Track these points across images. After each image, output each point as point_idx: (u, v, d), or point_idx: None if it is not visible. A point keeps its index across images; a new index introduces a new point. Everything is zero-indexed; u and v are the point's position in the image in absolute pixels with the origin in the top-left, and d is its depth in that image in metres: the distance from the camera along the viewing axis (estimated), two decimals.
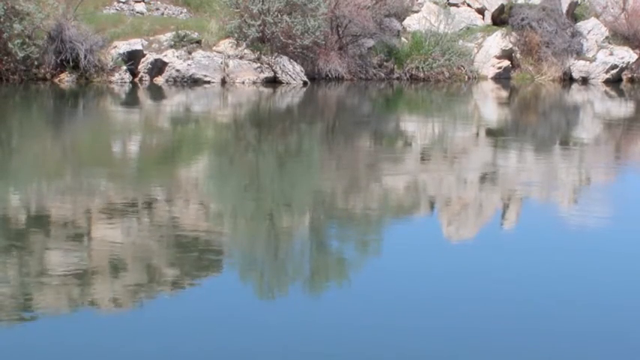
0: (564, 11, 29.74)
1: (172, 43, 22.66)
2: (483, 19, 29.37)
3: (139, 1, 25.30)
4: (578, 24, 30.06)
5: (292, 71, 23.63)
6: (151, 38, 22.75)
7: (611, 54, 29.79)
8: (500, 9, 29.06)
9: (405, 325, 5.55)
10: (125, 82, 21.67)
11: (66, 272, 6.38)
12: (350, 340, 5.28)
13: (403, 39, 27.34)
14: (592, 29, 30.01)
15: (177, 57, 22.58)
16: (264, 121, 17.73)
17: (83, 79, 21.24)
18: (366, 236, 8.21)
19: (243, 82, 23.03)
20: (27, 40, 20.39)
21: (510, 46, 28.37)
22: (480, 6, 29.35)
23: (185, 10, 25.92)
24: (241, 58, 23.34)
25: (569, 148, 15.70)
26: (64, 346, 5.10)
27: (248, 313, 5.73)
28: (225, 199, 9.83)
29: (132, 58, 22.06)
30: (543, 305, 6.05)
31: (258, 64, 23.40)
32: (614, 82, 29.43)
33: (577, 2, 30.68)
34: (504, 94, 25.98)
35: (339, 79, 24.81)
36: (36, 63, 20.65)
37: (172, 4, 25.92)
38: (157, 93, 21.21)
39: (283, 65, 23.56)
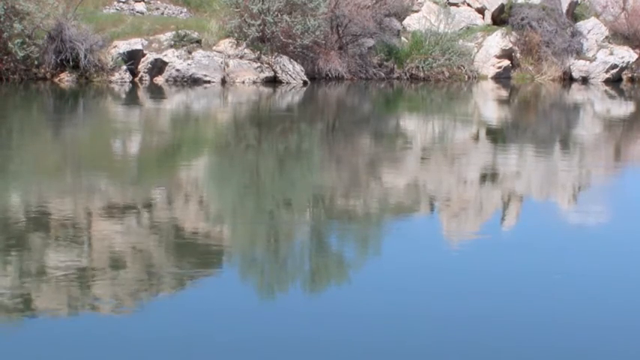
0: (564, 11, 29.76)
1: (172, 42, 22.67)
2: (483, 18, 29.38)
3: (139, 1, 25.32)
4: (578, 23, 30.08)
5: (292, 71, 23.64)
6: (151, 38, 22.76)
7: (611, 53, 29.80)
8: (500, 8, 29.07)
9: (404, 322, 5.56)
10: (125, 82, 21.68)
11: (65, 271, 6.39)
12: (350, 338, 5.29)
13: (403, 38, 27.36)
14: (592, 29, 30.03)
15: (178, 57, 22.59)
16: (264, 120, 17.73)
17: (83, 78, 21.26)
18: (366, 234, 8.21)
19: (243, 82, 23.04)
20: (27, 39, 20.42)
21: (510, 45, 28.38)
22: (480, 5, 29.37)
23: (185, 9, 25.95)
24: (241, 57, 23.35)
25: (569, 147, 15.70)
26: (64, 345, 5.11)
27: (248, 311, 5.74)
28: (226, 198, 9.83)
29: (132, 57, 22.07)
30: (543, 303, 6.05)
31: (258, 64, 23.41)
32: (614, 81, 29.44)
33: (577, 2, 30.70)
34: (504, 93, 25.98)
35: (339, 78, 24.82)
36: (36, 62, 20.67)
37: (172, 3, 25.94)
38: (157, 93, 21.21)
39: (283, 65, 23.57)
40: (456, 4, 29.25)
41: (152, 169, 11.48)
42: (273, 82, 23.37)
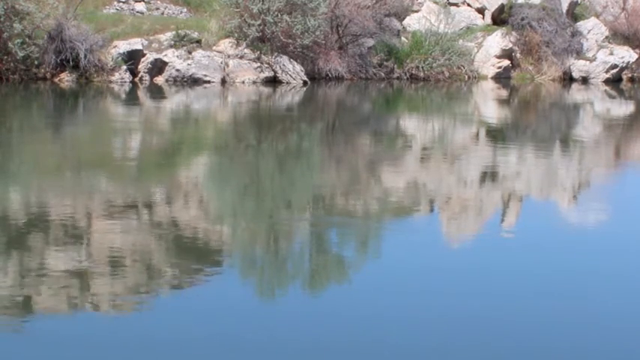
0: (564, 11, 29.74)
1: (172, 42, 22.66)
2: (483, 18, 29.37)
3: (139, 1, 25.30)
4: (578, 23, 30.06)
5: (292, 71, 23.63)
6: (151, 38, 22.74)
7: (611, 53, 29.77)
8: (500, 8, 29.05)
9: (404, 322, 5.56)
10: (125, 82, 21.67)
11: (65, 271, 6.39)
12: (350, 339, 5.29)
13: (403, 38, 27.34)
14: (592, 29, 30.00)
15: (178, 57, 22.58)
16: (264, 120, 17.73)
17: (83, 78, 21.24)
18: (366, 235, 8.21)
19: (243, 82, 23.03)
20: (27, 39, 20.40)
21: (510, 45, 28.37)
22: (480, 5, 29.35)
23: (185, 9, 25.93)
24: (241, 57, 23.34)
25: (568, 147, 15.70)
26: (64, 345, 5.11)
27: (248, 312, 5.74)
28: (226, 197, 9.83)
29: (132, 57, 22.05)
30: (543, 303, 6.05)
31: (258, 64, 23.40)
32: (614, 81, 29.42)
33: (577, 2, 30.67)
34: (504, 93, 25.98)
35: (339, 78, 24.80)
36: (36, 62, 20.65)
37: (172, 3, 25.92)
38: (157, 92, 21.21)
39: (283, 65, 23.56)
40: (456, 4, 29.23)
41: (152, 169, 11.48)
42: (273, 82, 23.36)
